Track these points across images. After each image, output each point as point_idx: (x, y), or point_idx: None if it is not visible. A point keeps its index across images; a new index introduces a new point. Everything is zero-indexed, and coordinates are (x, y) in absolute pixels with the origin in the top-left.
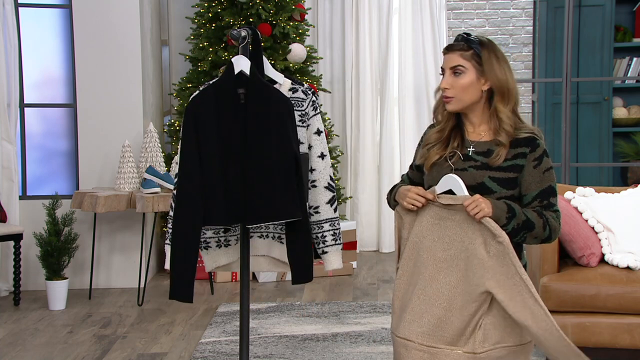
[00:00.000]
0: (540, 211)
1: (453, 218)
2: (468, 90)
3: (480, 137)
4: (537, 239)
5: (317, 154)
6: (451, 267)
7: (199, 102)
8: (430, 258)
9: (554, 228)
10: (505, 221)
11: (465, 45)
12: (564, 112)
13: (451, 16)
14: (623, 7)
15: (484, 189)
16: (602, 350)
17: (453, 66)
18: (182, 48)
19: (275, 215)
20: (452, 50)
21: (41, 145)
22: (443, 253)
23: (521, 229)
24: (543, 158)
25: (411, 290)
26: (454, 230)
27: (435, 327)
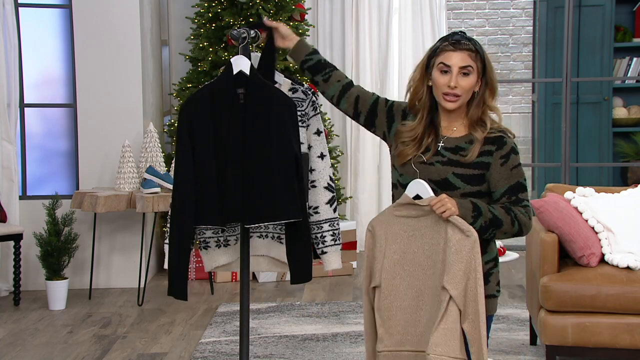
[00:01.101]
0: (509, 207)
1: (425, 224)
2: (470, 91)
3: (451, 133)
4: (507, 235)
5: (317, 154)
6: (436, 271)
7: (194, 102)
8: (418, 269)
9: (523, 223)
10: (472, 220)
11: (472, 46)
12: (564, 112)
13: (451, 16)
14: (623, 7)
15: (447, 184)
16: (602, 350)
17: (464, 66)
18: (182, 48)
19: (275, 216)
20: (461, 49)
21: (41, 145)
22: (427, 260)
23: (489, 227)
24: (510, 155)
25: (408, 304)
26: (430, 236)
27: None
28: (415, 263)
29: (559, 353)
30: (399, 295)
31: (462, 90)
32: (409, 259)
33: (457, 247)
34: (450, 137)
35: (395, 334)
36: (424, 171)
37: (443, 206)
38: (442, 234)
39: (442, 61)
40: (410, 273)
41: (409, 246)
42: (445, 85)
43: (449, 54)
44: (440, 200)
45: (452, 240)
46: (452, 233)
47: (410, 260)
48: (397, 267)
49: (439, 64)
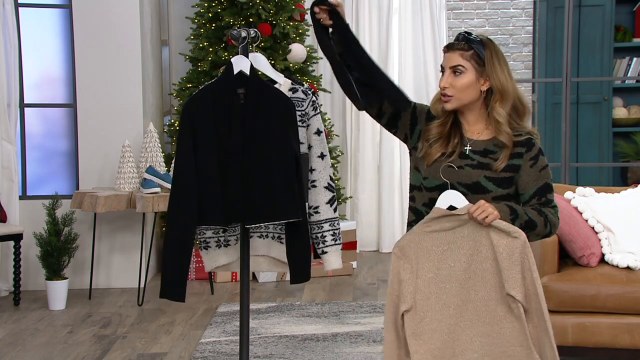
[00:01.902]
0: (540, 208)
1: (462, 235)
2: (467, 90)
3: (477, 136)
4: (538, 236)
5: (317, 154)
6: (478, 282)
7: (195, 102)
8: (455, 284)
9: (553, 224)
10: (510, 222)
11: (466, 45)
12: (564, 112)
13: (451, 16)
14: (623, 7)
15: (479, 187)
16: (602, 350)
17: (453, 66)
18: (182, 48)
19: (275, 216)
20: (453, 50)
21: (41, 145)
22: (465, 274)
23: (524, 229)
24: (539, 157)
25: (445, 323)
26: (468, 246)
27: (488, 344)
28: (451, 278)
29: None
30: (435, 315)
31: (455, 90)
32: (444, 275)
33: (508, 251)
34: (477, 140)
35: (432, 358)
36: (453, 175)
37: (485, 212)
38: (484, 241)
39: (440, 63)
40: (447, 290)
41: (443, 261)
42: (439, 86)
43: (444, 56)
44: (481, 206)
45: (500, 245)
46: (499, 238)
47: (445, 277)
48: (431, 286)
49: (440, 67)
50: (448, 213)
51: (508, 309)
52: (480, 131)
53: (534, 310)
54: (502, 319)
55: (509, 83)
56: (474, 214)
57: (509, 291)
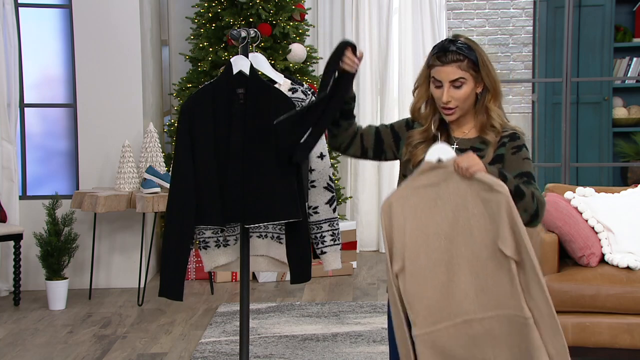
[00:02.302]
0: (527, 184)
1: (448, 190)
2: (468, 99)
3: (464, 134)
4: (526, 213)
5: (317, 154)
6: (467, 238)
7: (194, 102)
8: (444, 241)
9: (541, 202)
10: (499, 176)
11: (460, 56)
12: (564, 112)
13: (451, 16)
14: (623, 7)
15: None
16: (602, 350)
17: (453, 79)
18: (182, 48)
19: (275, 216)
20: (448, 63)
21: (41, 145)
22: (453, 229)
23: (513, 196)
24: (522, 148)
25: (438, 281)
26: (455, 202)
27: (480, 296)
28: (440, 235)
29: None
30: (427, 275)
31: (457, 102)
32: (433, 232)
33: (494, 206)
34: (464, 138)
35: (429, 315)
36: None
37: (469, 162)
38: (470, 197)
39: (434, 76)
40: (436, 248)
41: (431, 218)
42: (439, 99)
43: (438, 70)
44: (466, 156)
45: (486, 199)
46: (484, 193)
47: (434, 234)
48: (420, 244)
49: (432, 78)
50: (435, 165)
51: (499, 263)
52: (468, 129)
53: (525, 262)
54: (494, 274)
55: (498, 80)
56: (460, 163)
57: (499, 246)
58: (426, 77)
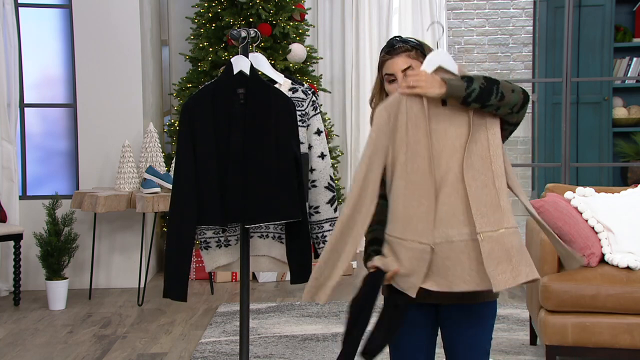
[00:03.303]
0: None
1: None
2: None
3: None
4: (515, 93)
5: (317, 154)
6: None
7: (194, 102)
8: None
9: (518, 87)
10: (465, 85)
11: (408, 46)
12: (564, 112)
13: (451, 16)
14: (623, 7)
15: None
16: (602, 350)
17: (405, 68)
18: (182, 48)
19: (275, 216)
20: (397, 54)
21: (41, 145)
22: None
23: (490, 85)
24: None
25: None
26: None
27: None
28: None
29: (559, 353)
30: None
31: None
32: (413, 152)
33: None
34: None
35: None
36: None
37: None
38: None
39: (386, 72)
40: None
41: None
42: (398, 92)
43: (388, 63)
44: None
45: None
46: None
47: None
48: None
49: (385, 76)
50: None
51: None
52: None
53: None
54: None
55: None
56: (408, 80)
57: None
58: (380, 83)
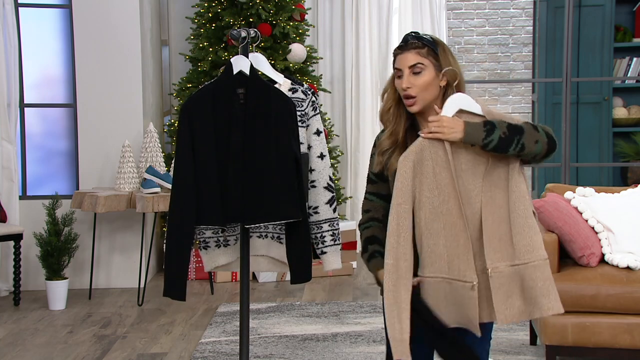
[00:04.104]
0: (525, 122)
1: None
2: (429, 89)
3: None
4: (539, 144)
5: (317, 154)
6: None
7: (194, 102)
8: (453, 201)
9: (547, 128)
10: (485, 134)
11: (420, 43)
12: (564, 112)
13: (451, 16)
14: (623, 7)
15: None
16: (602, 350)
17: (412, 65)
18: (182, 48)
19: (275, 216)
20: (407, 49)
21: (41, 145)
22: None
23: (511, 136)
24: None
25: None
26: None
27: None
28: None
29: (559, 353)
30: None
31: (417, 90)
32: (444, 195)
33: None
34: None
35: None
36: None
37: (438, 126)
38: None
39: (395, 66)
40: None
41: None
42: (400, 88)
43: (398, 58)
44: (440, 121)
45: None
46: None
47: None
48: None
49: (395, 70)
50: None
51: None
52: None
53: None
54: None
55: (462, 73)
56: (430, 126)
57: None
58: (393, 79)
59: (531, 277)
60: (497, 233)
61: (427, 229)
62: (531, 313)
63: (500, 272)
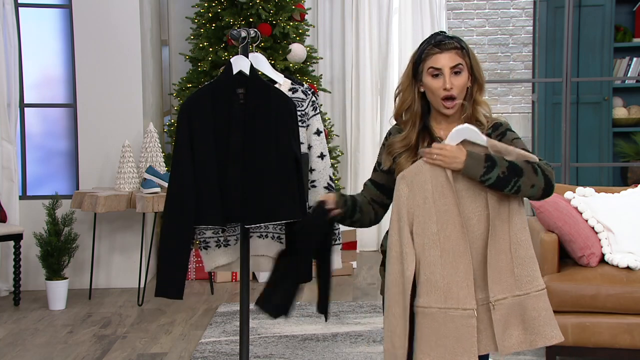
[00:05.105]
0: (527, 160)
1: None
2: (464, 90)
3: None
4: (535, 188)
5: (317, 154)
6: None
7: (194, 102)
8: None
9: (548, 172)
10: (484, 170)
11: (458, 44)
12: (564, 112)
13: (451, 16)
14: (623, 7)
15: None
16: (602, 350)
17: (454, 65)
18: (182, 48)
19: (275, 216)
20: (448, 49)
21: (41, 145)
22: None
23: (509, 176)
24: (507, 133)
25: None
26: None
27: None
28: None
29: (559, 353)
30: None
31: (458, 90)
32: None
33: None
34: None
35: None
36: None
37: (439, 155)
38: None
39: (432, 65)
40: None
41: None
42: (440, 88)
43: (437, 57)
44: (443, 149)
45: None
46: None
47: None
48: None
49: (429, 69)
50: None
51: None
52: (453, 127)
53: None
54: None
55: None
56: (431, 152)
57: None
58: (411, 77)
59: (534, 307)
60: (499, 264)
61: (423, 256)
62: (532, 342)
63: (502, 303)
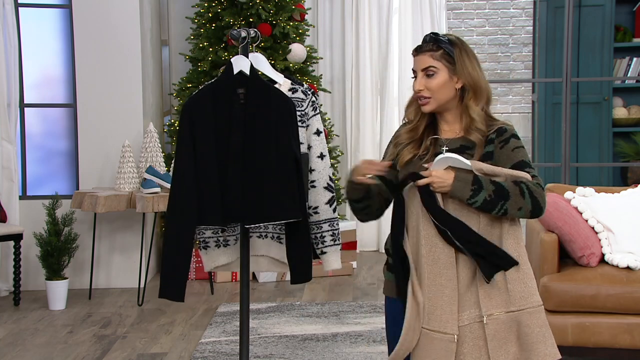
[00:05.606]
0: (516, 181)
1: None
2: (442, 90)
3: (456, 134)
4: (522, 211)
5: (317, 154)
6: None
7: (195, 102)
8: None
9: (537, 193)
10: (471, 193)
11: (435, 46)
12: (564, 112)
13: (451, 16)
14: (623, 7)
15: None
16: (602, 350)
17: (424, 67)
18: (182, 48)
19: (275, 216)
20: (422, 52)
21: (41, 145)
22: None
23: (496, 200)
24: (510, 139)
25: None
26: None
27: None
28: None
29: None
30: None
31: (431, 92)
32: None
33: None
34: (453, 138)
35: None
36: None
37: (429, 180)
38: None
39: (412, 68)
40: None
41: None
42: (414, 89)
43: (414, 60)
44: (433, 175)
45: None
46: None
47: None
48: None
49: (412, 72)
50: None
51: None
52: (459, 130)
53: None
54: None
55: (481, 78)
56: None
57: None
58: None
59: (527, 323)
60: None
61: (417, 274)
62: (527, 359)
63: (495, 319)
